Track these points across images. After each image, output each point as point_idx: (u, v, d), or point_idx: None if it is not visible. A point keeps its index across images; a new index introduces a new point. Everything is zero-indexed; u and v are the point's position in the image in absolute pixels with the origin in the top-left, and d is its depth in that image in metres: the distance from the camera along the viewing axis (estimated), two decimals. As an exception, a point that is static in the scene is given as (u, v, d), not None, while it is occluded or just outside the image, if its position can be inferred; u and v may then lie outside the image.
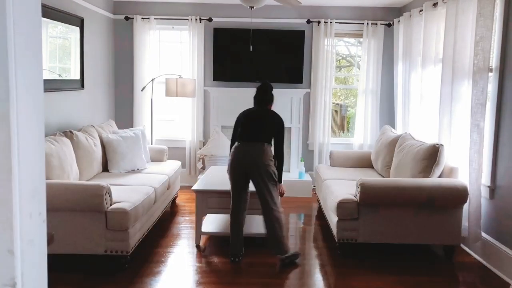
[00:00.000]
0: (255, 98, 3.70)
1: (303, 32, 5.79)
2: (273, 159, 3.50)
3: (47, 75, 4.22)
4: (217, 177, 4.25)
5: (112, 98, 5.94)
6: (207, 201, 3.82)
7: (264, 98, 3.66)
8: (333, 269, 3.44)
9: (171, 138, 6.11)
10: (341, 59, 6.77)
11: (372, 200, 3.51)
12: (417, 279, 3.27)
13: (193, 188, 3.86)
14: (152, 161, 5.13)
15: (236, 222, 3.55)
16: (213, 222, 4.11)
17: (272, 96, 3.70)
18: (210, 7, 5.85)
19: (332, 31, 5.74)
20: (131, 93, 5.97)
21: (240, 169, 3.49)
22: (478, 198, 3.49)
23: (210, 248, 3.81)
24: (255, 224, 4.12)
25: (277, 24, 5.85)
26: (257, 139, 3.49)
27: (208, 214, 4.16)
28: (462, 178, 3.65)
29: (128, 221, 3.24)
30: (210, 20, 5.85)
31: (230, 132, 5.95)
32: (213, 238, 4.03)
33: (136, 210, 3.40)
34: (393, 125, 5.67)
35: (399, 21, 5.48)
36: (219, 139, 5.64)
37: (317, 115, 5.88)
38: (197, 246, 3.83)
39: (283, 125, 3.60)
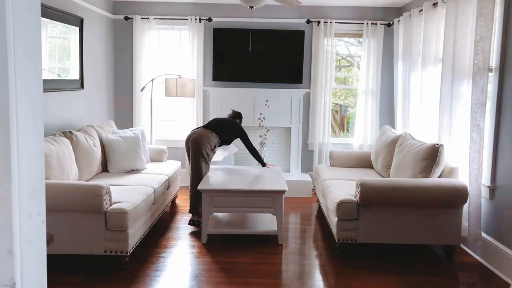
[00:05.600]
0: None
1: (303, 32, 5.79)
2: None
3: (46, 75, 4.21)
4: (220, 176, 4.26)
5: (111, 98, 5.94)
6: (213, 200, 3.83)
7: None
8: (333, 269, 3.44)
9: (170, 138, 6.10)
10: (341, 59, 6.77)
11: (372, 200, 3.51)
12: (417, 279, 3.27)
13: (198, 187, 3.88)
14: (151, 161, 5.12)
15: None
16: (216, 221, 4.11)
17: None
18: (209, 7, 5.85)
19: (332, 31, 5.74)
20: (131, 93, 5.97)
21: None
22: (478, 198, 3.49)
23: (210, 247, 3.80)
24: (257, 223, 4.12)
25: (277, 24, 5.85)
26: None
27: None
28: (462, 178, 3.65)
29: (127, 221, 3.23)
30: (209, 20, 5.84)
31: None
32: (213, 237, 4.03)
33: (136, 210, 3.40)
34: (393, 125, 5.67)
35: (399, 21, 5.48)
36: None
37: (317, 115, 5.88)
38: (204, 245, 3.84)
39: None
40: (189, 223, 4.24)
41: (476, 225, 3.51)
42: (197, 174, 4.24)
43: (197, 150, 4.26)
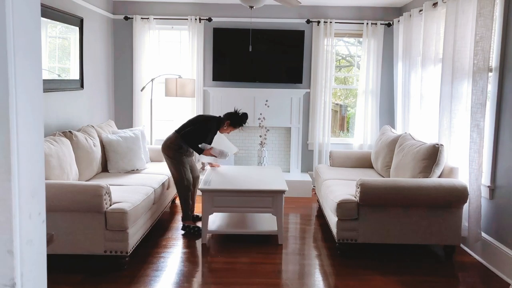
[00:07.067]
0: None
1: (302, 32, 5.79)
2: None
3: (46, 75, 4.21)
4: (221, 176, 4.26)
5: (111, 98, 5.94)
6: (213, 200, 3.84)
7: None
8: (333, 269, 3.44)
9: (170, 138, 6.10)
10: (341, 59, 6.76)
11: (372, 200, 3.51)
12: (417, 279, 3.27)
13: (199, 187, 3.88)
14: (151, 161, 5.12)
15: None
16: (215, 221, 4.12)
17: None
18: (209, 7, 5.85)
19: (332, 31, 5.74)
20: (131, 93, 5.97)
21: None
22: (478, 198, 3.49)
23: (210, 247, 3.80)
24: (257, 223, 4.12)
25: (277, 24, 5.85)
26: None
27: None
28: (462, 178, 3.65)
29: (127, 221, 3.23)
30: (209, 20, 5.84)
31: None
32: (213, 237, 4.02)
33: (136, 210, 3.39)
34: (393, 125, 5.67)
35: (399, 21, 5.48)
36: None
37: (317, 115, 5.88)
38: (204, 245, 3.84)
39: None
40: (182, 228, 4.18)
41: (476, 225, 3.51)
42: (178, 181, 4.19)
43: (165, 157, 4.23)
